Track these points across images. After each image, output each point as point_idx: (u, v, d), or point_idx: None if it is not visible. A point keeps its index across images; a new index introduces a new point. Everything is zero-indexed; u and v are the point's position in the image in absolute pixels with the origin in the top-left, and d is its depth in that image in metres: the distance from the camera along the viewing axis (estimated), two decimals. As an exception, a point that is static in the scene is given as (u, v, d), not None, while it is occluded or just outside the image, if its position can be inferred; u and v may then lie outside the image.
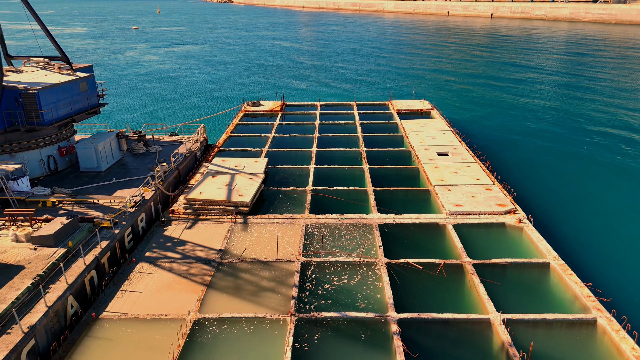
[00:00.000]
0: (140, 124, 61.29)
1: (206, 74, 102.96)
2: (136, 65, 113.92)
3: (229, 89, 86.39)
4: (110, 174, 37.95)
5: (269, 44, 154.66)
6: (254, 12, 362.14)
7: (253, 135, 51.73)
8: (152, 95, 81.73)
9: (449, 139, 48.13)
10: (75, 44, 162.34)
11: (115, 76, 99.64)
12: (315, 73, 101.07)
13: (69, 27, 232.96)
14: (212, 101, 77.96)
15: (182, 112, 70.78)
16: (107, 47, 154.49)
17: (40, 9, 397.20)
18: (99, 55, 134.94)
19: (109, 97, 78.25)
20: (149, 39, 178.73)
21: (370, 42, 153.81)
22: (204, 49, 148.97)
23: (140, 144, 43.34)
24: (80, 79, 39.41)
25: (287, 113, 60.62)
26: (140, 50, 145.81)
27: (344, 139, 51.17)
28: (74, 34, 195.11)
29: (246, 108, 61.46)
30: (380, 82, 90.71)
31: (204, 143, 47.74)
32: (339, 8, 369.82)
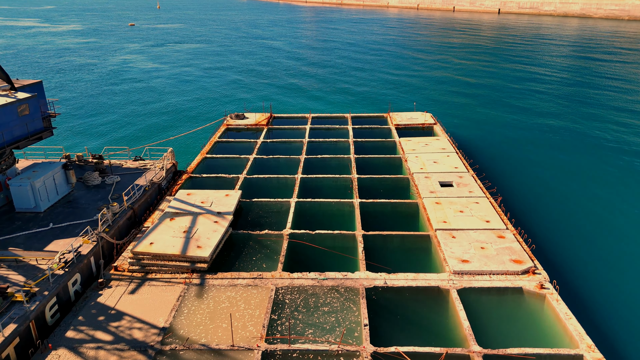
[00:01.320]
0: (102, 144, 55.26)
1: (190, 80, 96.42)
2: (115, 71, 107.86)
3: (214, 99, 79.87)
4: (51, 215, 32.08)
5: (263, 46, 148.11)
6: (256, 7, 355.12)
7: (231, 156, 45.66)
8: (124, 107, 75.13)
9: (453, 164, 41.82)
10: (63, 43, 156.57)
11: (86, 84, 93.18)
12: (309, 80, 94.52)
13: (65, 24, 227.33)
14: (193, 112, 71.64)
15: (156, 127, 64.40)
16: (94, 47, 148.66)
17: (40, 4, 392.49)
18: (81, 58, 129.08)
19: (71, 112, 71.73)
20: (141, 37, 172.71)
21: (371, 45, 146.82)
22: (194, 50, 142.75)
23: (94, 174, 37.38)
24: (19, 102, 33.43)
25: (273, 127, 54.45)
26: (126, 51, 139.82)
27: (334, 161, 45.03)
28: (68, 32, 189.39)
29: (229, 122, 55.34)
30: (379, 91, 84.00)
31: (173, 169, 41.73)
32: (342, 3, 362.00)
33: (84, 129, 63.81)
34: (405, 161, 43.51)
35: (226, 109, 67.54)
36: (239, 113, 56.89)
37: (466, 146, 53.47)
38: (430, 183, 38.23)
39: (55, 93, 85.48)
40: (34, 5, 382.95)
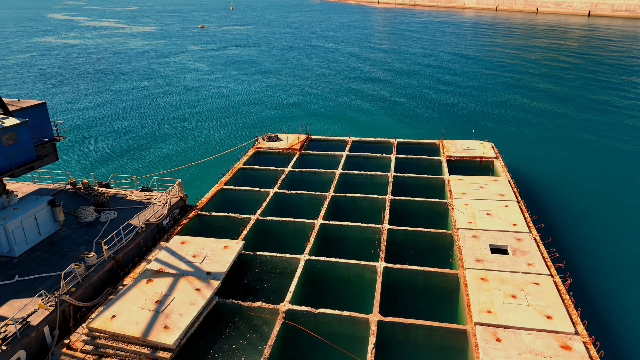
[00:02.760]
0: (120, 166, 51.96)
1: (235, 90, 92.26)
2: (166, 77, 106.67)
3: (254, 114, 74.78)
4: (25, 261, 28.29)
5: (322, 52, 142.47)
6: (328, 8, 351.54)
7: (250, 189, 40.22)
8: (153, 124, 71.10)
9: (512, 219, 33.48)
10: (132, 44, 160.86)
11: (126, 94, 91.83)
12: (359, 93, 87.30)
13: (141, 25, 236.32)
14: (228, 129, 66.95)
15: (182, 147, 60.07)
16: (158, 49, 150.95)
17: (126, 4, 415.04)
18: (140, 62, 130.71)
19: (90, 132, 69.38)
20: (206, 40, 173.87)
21: (437, 54, 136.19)
22: (250, 54, 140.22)
23: (89, 209, 33.44)
24: (3, 130, 29.98)
25: (307, 153, 48.41)
26: (187, 55, 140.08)
27: (366, 203, 38.22)
28: (140, 33, 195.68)
29: (260, 144, 50.11)
30: (434, 111, 74.84)
31: (181, 203, 37.02)
32: (416, 4, 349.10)
33: (102, 147, 61.06)
34: (451, 209, 35.73)
35: (261, 129, 62.47)
36: (272, 134, 51.50)
37: (532, 193, 44.26)
38: (479, 245, 30.37)
39: (91, 100, 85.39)
40: (120, 6, 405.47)
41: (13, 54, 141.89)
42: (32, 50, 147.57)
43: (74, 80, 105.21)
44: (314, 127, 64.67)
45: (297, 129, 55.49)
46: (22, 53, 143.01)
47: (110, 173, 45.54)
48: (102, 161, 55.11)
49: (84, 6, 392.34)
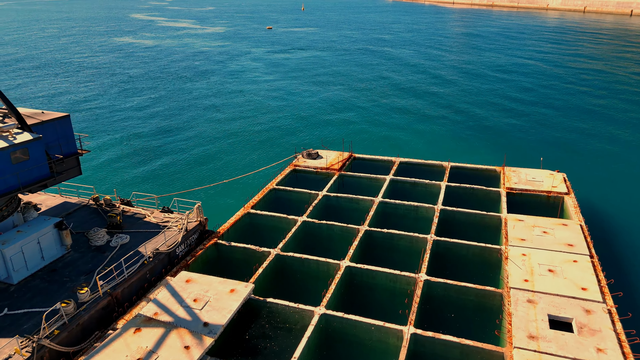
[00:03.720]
0: (147, 180, 50.08)
1: (285, 99, 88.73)
2: (218, 81, 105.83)
3: (298, 127, 70.93)
4: (22, 290, 26.49)
5: (382, 59, 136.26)
6: (399, 9, 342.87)
7: (278, 215, 36.59)
8: (191, 132, 68.76)
9: (581, 281, 27.17)
10: (199, 46, 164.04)
11: (174, 99, 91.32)
12: (413, 109, 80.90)
13: (213, 26, 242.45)
14: (266, 143, 63.43)
15: (217, 162, 57.43)
16: (222, 51, 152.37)
17: (203, 5, 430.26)
18: (202, 64, 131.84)
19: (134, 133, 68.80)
20: (271, 42, 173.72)
21: (510, 65, 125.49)
22: (311, 58, 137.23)
23: (100, 232, 31.38)
24: (13, 147, 28.45)
25: (347, 175, 44.01)
26: (248, 56, 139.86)
27: (404, 243, 33.31)
28: (210, 34, 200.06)
29: (298, 161, 46.42)
30: (497, 132, 67.16)
31: (200, 228, 34.15)
32: (494, 4, 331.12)
33: (133, 156, 59.53)
34: (505, 259, 29.90)
35: (303, 144, 58.67)
36: (313, 150, 47.61)
37: (610, 246, 36.86)
38: (534, 315, 24.59)
39: (139, 103, 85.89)
40: (198, 6, 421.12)
41: (88, 52, 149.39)
42: (106, 51, 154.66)
43: (133, 81, 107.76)
44: (361, 144, 60.05)
45: (340, 145, 51.09)
46: (97, 52, 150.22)
47: (140, 184, 44.08)
48: (131, 172, 53.94)
49: (166, 7, 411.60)
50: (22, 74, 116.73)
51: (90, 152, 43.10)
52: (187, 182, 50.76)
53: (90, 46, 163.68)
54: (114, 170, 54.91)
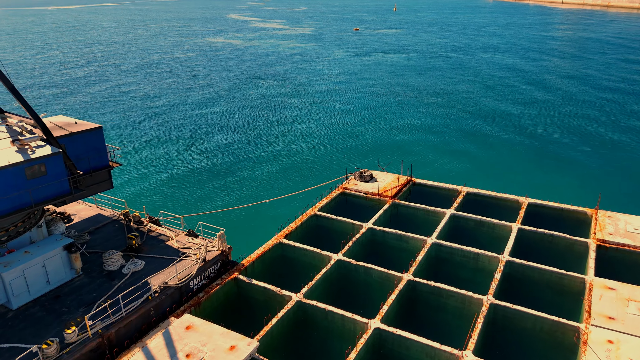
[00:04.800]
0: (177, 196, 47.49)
1: (350, 109, 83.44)
2: (290, 85, 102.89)
3: (356, 142, 65.30)
4: (20, 317, 24.84)
5: (470, 65, 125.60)
6: (499, 10, 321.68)
7: (310, 249, 32.27)
8: (238, 147, 65.23)
9: (693, 396, 19.61)
10: (282, 47, 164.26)
11: (238, 102, 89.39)
12: (494, 127, 71.66)
13: (301, 26, 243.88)
14: (321, 158, 58.48)
15: (264, 176, 53.52)
16: (303, 53, 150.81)
17: (297, 5, 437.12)
18: (279, 66, 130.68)
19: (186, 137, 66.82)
20: (354, 44, 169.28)
21: (623, 79, 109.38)
22: (388, 63, 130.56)
23: (115, 256, 29.21)
24: (28, 162, 27.02)
25: (400, 204, 38.44)
26: (327, 59, 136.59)
27: (454, 302, 27.40)
28: (296, 35, 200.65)
29: (348, 184, 41.66)
30: (592, 165, 56.63)
31: (222, 258, 30.86)
32: (609, 5, 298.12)
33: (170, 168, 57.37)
34: (583, 344, 22.94)
35: (358, 162, 53.42)
36: (367, 172, 42.54)
37: None
38: None
39: (204, 106, 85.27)
40: (292, 7, 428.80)
41: (179, 52, 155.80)
42: (195, 51, 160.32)
43: (206, 86, 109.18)
44: (424, 167, 53.63)
45: (399, 167, 45.26)
46: (187, 52, 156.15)
47: (173, 200, 42.09)
48: (165, 186, 52.08)
49: (261, 7, 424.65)
50: (107, 70, 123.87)
51: (133, 163, 41.83)
52: (223, 200, 47.96)
53: (181, 46, 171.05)
54: (149, 184, 53.68)
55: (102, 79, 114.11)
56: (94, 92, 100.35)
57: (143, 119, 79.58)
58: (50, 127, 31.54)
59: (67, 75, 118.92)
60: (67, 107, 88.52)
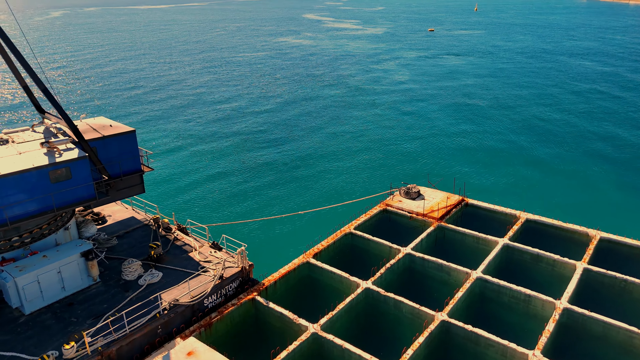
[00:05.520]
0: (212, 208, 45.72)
1: (407, 117, 78.12)
2: (351, 87, 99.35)
3: (409, 154, 60.48)
4: (30, 323, 24.53)
5: (550, 71, 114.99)
6: (595, 10, 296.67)
7: (337, 273, 29.55)
8: (284, 152, 61.83)
9: None
10: (351, 47, 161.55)
11: (293, 106, 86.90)
12: (569, 145, 63.79)
13: (373, 27, 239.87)
14: (370, 170, 54.60)
15: (306, 185, 50.48)
16: (371, 54, 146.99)
17: (374, 5, 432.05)
18: (343, 67, 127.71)
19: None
20: (426, 46, 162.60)
21: None
22: (459, 67, 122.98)
23: (134, 265, 28.36)
24: (53, 166, 26.76)
25: (447, 227, 34.53)
26: (396, 62, 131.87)
27: (493, 355, 23.42)
28: (366, 36, 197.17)
29: (392, 200, 38.29)
30: None
31: (241, 276, 29.04)
32: None
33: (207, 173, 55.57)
34: None
35: (406, 177, 49.30)
36: (414, 188, 38.90)
37: None
38: None
39: (259, 110, 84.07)
40: (369, 7, 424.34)
41: (249, 52, 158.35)
42: (265, 50, 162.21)
43: (269, 84, 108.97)
44: (479, 186, 48.43)
45: (451, 184, 40.84)
46: (257, 52, 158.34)
47: (205, 207, 40.94)
48: (199, 191, 50.88)
49: (339, 7, 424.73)
50: (174, 69, 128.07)
51: (175, 165, 41.39)
52: (254, 209, 45.85)
53: (252, 46, 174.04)
54: (181, 188, 52.84)
55: (168, 78, 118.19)
56: (155, 90, 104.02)
57: (193, 119, 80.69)
58: (84, 129, 31.50)
59: (138, 73, 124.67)
60: (125, 105, 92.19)
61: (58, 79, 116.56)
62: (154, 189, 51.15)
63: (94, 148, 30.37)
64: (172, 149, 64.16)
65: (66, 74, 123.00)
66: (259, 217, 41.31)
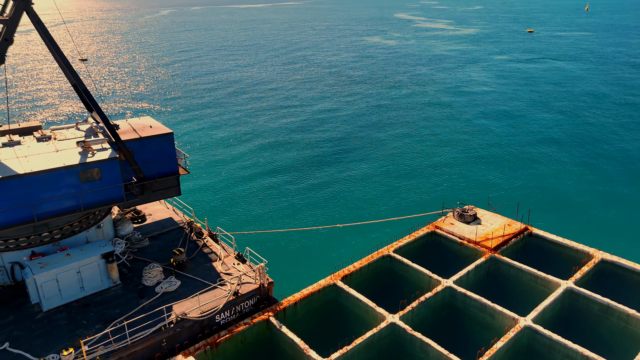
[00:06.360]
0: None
1: (478, 127, 70.73)
2: (425, 94, 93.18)
3: (473, 170, 53.89)
4: (45, 320, 24.77)
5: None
6: None
7: (364, 301, 26.74)
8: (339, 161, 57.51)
9: None
10: (438, 48, 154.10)
11: (357, 110, 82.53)
12: None
13: (467, 27, 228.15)
14: (424, 186, 49.45)
15: (347, 197, 46.82)
16: (460, 55, 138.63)
17: (470, 4, 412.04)
18: (424, 70, 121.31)
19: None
20: (521, 49, 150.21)
21: None
22: (556, 74, 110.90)
23: (154, 271, 27.79)
24: (83, 166, 26.91)
25: (502, 260, 30.03)
26: (484, 65, 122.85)
27: None
28: (458, 36, 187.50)
29: (443, 222, 34.40)
30: None
31: (260, 293, 27.30)
32: None
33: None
34: None
35: (464, 196, 44.10)
36: (470, 210, 34.61)
37: None
38: None
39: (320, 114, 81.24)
40: (464, 6, 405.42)
41: (331, 51, 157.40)
42: (348, 50, 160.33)
43: (342, 85, 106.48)
44: (548, 213, 42.06)
45: (514, 209, 35.44)
46: (339, 51, 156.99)
47: (241, 213, 39.55)
48: (238, 196, 49.21)
49: (433, 6, 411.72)
50: (258, 68, 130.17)
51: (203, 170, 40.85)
52: (288, 218, 43.38)
53: (336, 45, 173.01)
54: (219, 191, 51.76)
55: (246, 78, 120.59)
56: (229, 90, 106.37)
57: (255, 120, 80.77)
58: (125, 129, 31.73)
59: (218, 73, 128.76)
60: (195, 103, 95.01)
61: (142, 72, 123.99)
62: (197, 191, 51.32)
63: (130, 149, 30.46)
64: (225, 149, 64.48)
65: (151, 69, 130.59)
66: (290, 227, 39.36)
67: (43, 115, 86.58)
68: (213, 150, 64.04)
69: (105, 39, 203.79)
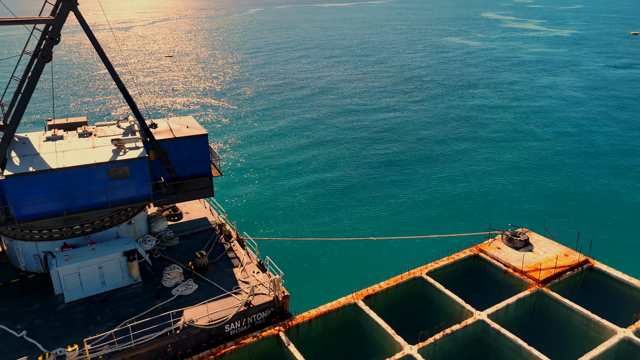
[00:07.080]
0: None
1: (553, 142, 62.90)
2: (494, 107, 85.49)
3: (532, 191, 47.76)
4: (64, 312, 25.49)
5: None
6: None
7: (383, 327, 24.57)
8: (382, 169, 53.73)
9: None
10: (521, 52, 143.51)
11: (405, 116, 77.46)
12: None
13: (561, 27, 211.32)
14: (472, 204, 44.53)
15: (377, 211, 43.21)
16: (547, 59, 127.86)
17: (569, 3, 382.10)
18: (500, 74, 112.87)
19: None
20: (620, 52, 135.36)
21: None
22: None
23: (174, 273, 27.68)
24: (113, 164, 27.38)
25: (551, 295, 26.24)
26: (573, 71, 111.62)
27: None
28: (548, 37, 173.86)
29: (489, 245, 31.06)
30: None
31: (273, 306, 26.14)
32: None
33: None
34: None
35: (517, 218, 39.21)
36: (521, 235, 30.87)
37: None
38: None
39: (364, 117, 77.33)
40: (562, 5, 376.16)
41: (408, 51, 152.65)
42: (425, 51, 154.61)
43: (409, 86, 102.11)
44: (613, 247, 36.29)
45: (574, 238, 30.71)
46: (416, 51, 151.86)
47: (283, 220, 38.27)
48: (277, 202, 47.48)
49: (527, 4, 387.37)
50: (331, 68, 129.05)
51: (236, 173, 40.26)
52: (317, 227, 41.11)
53: (414, 45, 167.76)
54: (254, 194, 50.44)
55: (317, 79, 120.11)
56: (300, 93, 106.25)
57: (312, 122, 79.56)
58: (162, 129, 32.05)
59: (292, 70, 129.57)
60: (260, 103, 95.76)
61: (217, 69, 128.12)
62: (233, 193, 50.95)
63: (164, 148, 30.69)
64: (273, 152, 64.01)
65: (226, 66, 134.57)
66: (317, 236, 37.54)
67: (97, 111, 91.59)
68: (261, 150, 64.19)
69: (193, 36, 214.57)
